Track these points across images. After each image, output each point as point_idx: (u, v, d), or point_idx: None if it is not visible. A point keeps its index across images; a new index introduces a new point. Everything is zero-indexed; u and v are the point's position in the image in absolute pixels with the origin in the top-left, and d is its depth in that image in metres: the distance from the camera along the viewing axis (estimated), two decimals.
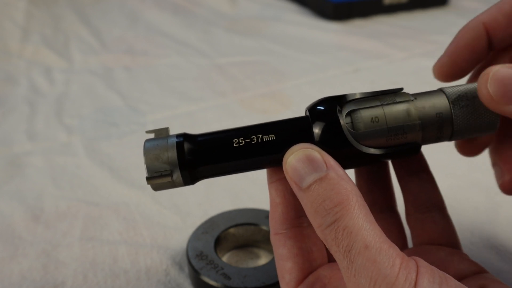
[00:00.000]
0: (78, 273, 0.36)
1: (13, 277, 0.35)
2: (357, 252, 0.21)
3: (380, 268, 0.21)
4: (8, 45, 0.76)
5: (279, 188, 0.27)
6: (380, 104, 0.25)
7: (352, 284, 0.21)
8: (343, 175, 0.23)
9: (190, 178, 0.27)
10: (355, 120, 0.25)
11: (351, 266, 0.21)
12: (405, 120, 0.24)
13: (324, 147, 0.24)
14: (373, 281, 0.21)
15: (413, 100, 0.25)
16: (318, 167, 0.23)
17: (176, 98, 0.62)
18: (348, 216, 0.22)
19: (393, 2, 0.92)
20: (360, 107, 0.25)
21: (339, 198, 0.22)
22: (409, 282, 0.20)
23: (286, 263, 0.27)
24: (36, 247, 0.38)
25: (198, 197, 0.44)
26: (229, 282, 0.32)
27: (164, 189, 0.28)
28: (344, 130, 0.24)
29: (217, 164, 0.27)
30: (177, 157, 0.27)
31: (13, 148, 0.51)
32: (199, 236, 0.36)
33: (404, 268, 0.20)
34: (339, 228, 0.22)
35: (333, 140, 0.24)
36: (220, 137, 0.27)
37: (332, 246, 0.22)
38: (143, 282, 0.35)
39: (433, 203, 0.30)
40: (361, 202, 0.22)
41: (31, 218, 0.41)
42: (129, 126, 0.55)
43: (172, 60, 0.73)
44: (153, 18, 0.89)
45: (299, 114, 0.27)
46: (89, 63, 0.72)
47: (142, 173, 0.47)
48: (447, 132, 0.25)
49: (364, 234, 0.21)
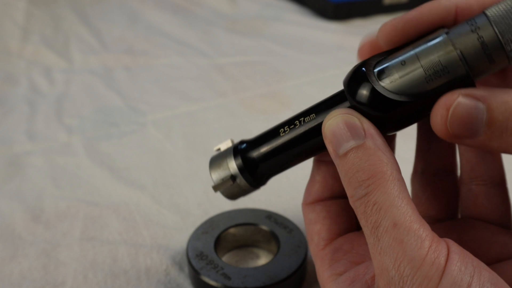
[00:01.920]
0: (78, 273, 0.36)
1: (13, 277, 0.35)
2: (385, 229, 0.20)
3: (407, 249, 0.20)
4: (8, 45, 0.76)
5: (322, 169, 0.27)
6: (412, 48, 0.22)
7: (377, 262, 0.21)
8: (381, 145, 0.22)
9: (252, 179, 0.28)
10: (388, 71, 0.22)
11: (377, 244, 0.21)
12: (439, 54, 0.21)
13: (364, 109, 0.23)
14: (398, 262, 0.20)
15: (447, 33, 0.22)
16: (356, 134, 0.22)
17: (176, 98, 0.62)
18: (379, 191, 0.21)
19: (393, 2, 0.92)
20: (390, 59, 0.23)
21: (373, 170, 0.21)
22: (436, 267, 0.19)
23: (315, 226, 0.27)
24: (36, 247, 0.38)
25: (198, 197, 0.44)
26: (229, 282, 0.32)
27: (238, 197, 0.29)
28: (377, 87, 0.22)
29: (271, 158, 0.27)
30: (234, 160, 0.28)
31: (13, 148, 0.51)
32: (199, 236, 0.36)
33: (433, 251, 0.19)
34: (369, 202, 0.21)
35: (370, 100, 0.23)
36: (268, 132, 0.28)
37: (361, 219, 0.22)
38: (143, 282, 0.35)
39: (491, 176, 0.28)
40: (396, 176, 0.21)
41: (31, 218, 0.41)
42: (129, 126, 0.55)
43: (172, 60, 0.73)
44: (153, 18, 0.89)
45: None
46: (89, 63, 0.72)
47: (142, 173, 0.47)
48: (499, 55, 0.21)
49: (394, 211, 0.20)
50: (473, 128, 0.20)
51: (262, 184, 0.29)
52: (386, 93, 0.22)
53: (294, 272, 0.33)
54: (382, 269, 0.20)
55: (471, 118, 0.20)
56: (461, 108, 0.20)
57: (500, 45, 0.20)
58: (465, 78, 0.21)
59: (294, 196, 0.44)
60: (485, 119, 0.20)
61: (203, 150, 0.51)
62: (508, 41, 0.20)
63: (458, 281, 0.19)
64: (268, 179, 0.29)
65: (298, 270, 0.33)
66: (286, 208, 0.42)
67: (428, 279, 0.19)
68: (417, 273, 0.19)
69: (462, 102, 0.20)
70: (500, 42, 0.20)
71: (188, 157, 0.50)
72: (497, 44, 0.20)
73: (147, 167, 0.48)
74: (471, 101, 0.20)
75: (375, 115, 0.23)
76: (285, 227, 0.36)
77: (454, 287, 0.19)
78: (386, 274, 0.20)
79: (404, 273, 0.20)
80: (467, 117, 0.20)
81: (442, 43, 0.22)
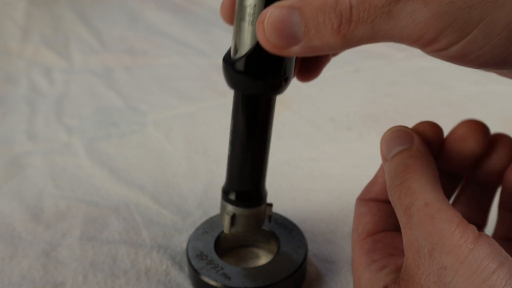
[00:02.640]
0: (78, 273, 0.36)
1: (13, 277, 0.35)
2: (417, 209, 0.22)
3: (437, 223, 0.21)
4: (8, 45, 0.76)
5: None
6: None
7: (407, 238, 0.22)
8: (423, 151, 0.25)
9: (246, 200, 0.31)
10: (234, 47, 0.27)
11: (409, 221, 0.22)
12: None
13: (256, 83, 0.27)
14: (427, 233, 0.21)
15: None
16: (405, 141, 0.25)
17: (176, 98, 0.62)
18: (414, 179, 0.23)
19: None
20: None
21: (411, 164, 0.24)
22: (465, 239, 0.20)
23: (363, 218, 0.29)
24: (36, 247, 0.38)
25: (198, 197, 0.44)
26: (229, 282, 0.32)
27: (256, 224, 0.32)
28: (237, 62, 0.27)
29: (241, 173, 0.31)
30: (225, 202, 0.32)
31: (13, 148, 0.51)
32: (199, 236, 0.36)
33: (463, 227, 0.21)
34: (404, 188, 0.23)
35: (243, 73, 0.27)
36: (228, 163, 0.31)
37: (396, 205, 0.23)
38: (143, 282, 0.35)
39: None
40: (431, 172, 0.24)
41: (31, 218, 0.41)
42: (129, 126, 0.55)
43: (172, 60, 0.73)
44: (153, 18, 0.89)
45: (299, 114, 0.27)
46: (89, 63, 0.72)
47: (142, 173, 0.47)
48: None
49: (426, 194, 0.22)
50: (291, 33, 0.21)
51: (262, 198, 0.32)
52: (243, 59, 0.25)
53: (294, 272, 0.33)
54: (412, 241, 0.22)
55: (285, 23, 0.21)
56: (273, 17, 0.21)
57: None
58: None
59: (294, 196, 0.44)
60: (299, 21, 0.21)
61: (203, 150, 0.51)
62: None
63: (485, 263, 0.19)
64: (262, 190, 0.32)
65: (298, 270, 0.33)
66: (286, 208, 0.42)
67: (458, 248, 0.20)
68: (447, 241, 0.20)
69: (272, 11, 0.22)
70: None
71: (188, 157, 0.50)
72: None
73: (147, 167, 0.48)
74: (282, 9, 0.21)
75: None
76: (285, 227, 0.36)
77: (484, 262, 0.19)
78: (416, 244, 0.22)
79: (433, 241, 0.21)
80: (280, 24, 0.21)
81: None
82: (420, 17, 0.19)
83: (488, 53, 0.20)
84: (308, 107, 0.58)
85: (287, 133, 0.53)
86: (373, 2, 0.20)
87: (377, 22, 0.20)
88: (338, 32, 0.21)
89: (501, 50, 0.20)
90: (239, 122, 0.29)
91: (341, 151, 0.51)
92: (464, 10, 0.19)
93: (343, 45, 0.21)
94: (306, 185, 0.46)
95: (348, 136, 0.54)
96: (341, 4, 0.20)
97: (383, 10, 0.20)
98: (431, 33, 0.20)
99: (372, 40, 0.21)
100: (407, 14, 0.20)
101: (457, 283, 0.20)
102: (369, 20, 0.20)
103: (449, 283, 0.20)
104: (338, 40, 0.21)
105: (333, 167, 0.48)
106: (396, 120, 0.55)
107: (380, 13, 0.20)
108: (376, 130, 0.54)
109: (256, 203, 0.31)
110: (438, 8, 0.19)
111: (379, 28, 0.20)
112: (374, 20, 0.20)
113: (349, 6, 0.20)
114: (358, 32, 0.20)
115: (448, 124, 0.30)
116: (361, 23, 0.20)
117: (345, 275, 0.35)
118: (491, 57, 0.20)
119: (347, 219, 0.41)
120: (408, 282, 0.22)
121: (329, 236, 0.39)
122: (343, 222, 0.41)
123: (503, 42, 0.20)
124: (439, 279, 0.20)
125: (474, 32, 0.19)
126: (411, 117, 0.56)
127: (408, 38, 0.20)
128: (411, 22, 0.20)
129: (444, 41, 0.20)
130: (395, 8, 0.20)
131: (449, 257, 0.20)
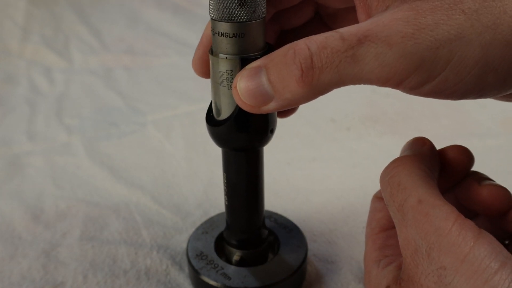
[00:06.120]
0: (78, 273, 0.36)
1: (13, 277, 0.35)
2: (410, 206, 0.22)
3: (433, 220, 0.21)
4: (8, 45, 0.76)
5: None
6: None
7: (403, 236, 0.22)
8: (422, 151, 0.25)
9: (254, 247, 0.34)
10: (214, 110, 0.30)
11: (404, 219, 0.22)
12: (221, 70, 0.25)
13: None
14: (424, 232, 0.21)
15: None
16: (413, 147, 0.26)
17: (176, 98, 0.62)
18: (403, 173, 0.23)
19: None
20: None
21: (401, 159, 0.24)
22: (463, 236, 0.20)
23: (378, 213, 0.29)
24: (36, 247, 0.38)
25: (198, 197, 0.44)
26: (229, 282, 0.32)
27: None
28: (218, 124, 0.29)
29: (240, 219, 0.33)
30: (233, 252, 0.34)
31: (13, 148, 0.51)
32: (199, 236, 0.36)
33: (459, 224, 0.20)
34: (394, 183, 0.23)
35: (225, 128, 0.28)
36: (227, 212, 0.33)
37: (389, 202, 0.23)
38: (143, 282, 0.35)
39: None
40: (423, 167, 0.23)
41: (31, 218, 0.41)
42: (129, 126, 0.55)
43: (172, 60, 0.73)
44: (153, 18, 0.89)
45: (298, 114, 0.28)
46: (89, 63, 0.72)
47: (142, 173, 0.47)
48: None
49: (418, 190, 0.22)
50: (262, 92, 0.22)
51: (263, 237, 0.34)
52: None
53: (294, 272, 0.33)
54: (409, 240, 0.22)
55: (255, 84, 0.22)
56: (244, 81, 0.22)
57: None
58: (243, 61, 0.24)
59: (294, 196, 0.44)
60: (266, 80, 0.21)
61: (203, 150, 0.51)
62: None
63: (486, 263, 0.19)
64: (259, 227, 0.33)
65: (298, 270, 0.33)
66: (286, 208, 0.42)
67: (457, 246, 0.20)
68: (444, 240, 0.20)
69: (242, 75, 0.22)
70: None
71: (188, 157, 0.50)
72: None
73: (147, 167, 0.48)
74: (250, 71, 0.22)
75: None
76: (285, 227, 0.36)
77: (485, 262, 0.19)
78: (413, 244, 0.21)
79: (430, 240, 0.20)
80: (250, 85, 0.22)
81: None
82: (386, 60, 0.19)
83: (463, 88, 0.20)
84: (308, 107, 0.58)
85: (287, 133, 0.53)
86: (335, 47, 0.20)
87: (343, 67, 0.20)
88: (302, 81, 0.20)
89: (475, 84, 0.20)
90: (231, 176, 0.30)
91: (341, 151, 0.51)
92: (431, 50, 0.19)
93: (313, 93, 0.21)
94: (305, 185, 0.46)
95: (347, 136, 0.54)
96: (299, 54, 0.20)
97: (347, 55, 0.20)
98: (400, 75, 0.19)
99: (341, 84, 0.21)
100: (372, 57, 0.19)
101: (458, 283, 0.19)
102: (333, 66, 0.20)
103: (449, 283, 0.20)
104: (305, 89, 0.21)
105: (332, 167, 0.48)
106: (395, 120, 0.55)
107: (344, 57, 0.20)
108: (376, 130, 0.54)
109: (259, 244, 0.34)
110: (404, 50, 0.19)
111: (345, 73, 0.20)
112: (339, 65, 0.20)
113: (309, 54, 0.20)
114: (324, 78, 0.20)
115: (448, 124, 0.30)
116: (325, 69, 0.20)
117: (345, 275, 0.35)
118: (466, 90, 0.20)
119: (347, 219, 0.41)
120: (409, 282, 0.22)
121: (329, 236, 0.39)
122: (343, 222, 0.41)
123: (475, 79, 0.19)
124: (439, 279, 0.20)
125: (444, 73, 0.19)
126: (411, 118, 0.57)
127: (377, 81, 0.20)
128: (378, 65, 0.19)
129: (414, 81, 0.20)
130: (358, 52, 0.19)
131: (448, 256, 0.20)
